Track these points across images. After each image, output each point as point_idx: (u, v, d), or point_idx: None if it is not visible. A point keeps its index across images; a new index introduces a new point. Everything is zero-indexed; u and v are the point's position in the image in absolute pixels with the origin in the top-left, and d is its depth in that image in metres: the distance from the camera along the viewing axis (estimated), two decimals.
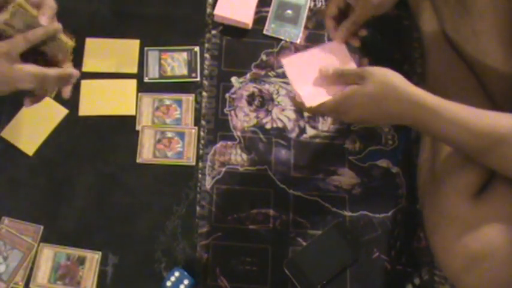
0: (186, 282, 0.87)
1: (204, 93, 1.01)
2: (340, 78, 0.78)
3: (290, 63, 0.83)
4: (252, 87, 1.02)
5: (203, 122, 0.99)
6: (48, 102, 0.98)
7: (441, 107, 0.73)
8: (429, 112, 0.73)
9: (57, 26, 0.78)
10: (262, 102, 1.01)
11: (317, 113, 0.85)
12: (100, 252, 0.90)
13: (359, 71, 0.77)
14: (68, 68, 0.82)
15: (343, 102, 0.77)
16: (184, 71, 1.03)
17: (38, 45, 0.77)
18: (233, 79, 1.03)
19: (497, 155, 0.73)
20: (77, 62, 1.01)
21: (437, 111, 0.73)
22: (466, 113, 0.74)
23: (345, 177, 0.96)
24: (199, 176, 0.96)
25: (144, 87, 1.01)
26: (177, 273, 0.88)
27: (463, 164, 0.80)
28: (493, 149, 0.73)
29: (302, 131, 0.99)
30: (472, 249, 0.74)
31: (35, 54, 0.78)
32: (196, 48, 1.04)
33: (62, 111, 0.99)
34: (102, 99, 1.00)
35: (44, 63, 0.79)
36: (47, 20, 0.77)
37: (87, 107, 0.99)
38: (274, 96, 1.02)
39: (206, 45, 1.05)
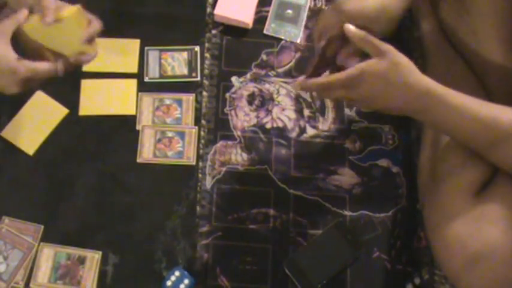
0: (186, 281, 0.87)
1: (205, 93, 1.01)
2: (360, 41, 0.75)
3: None
4: (252, 87, 1.02)
5: (203, 122, 0.99)
6: (48, 102, 0.98)
7: (450, 96, 0.73)
8: (438, 100, 0.73)
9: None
10: (262, 101, 1.01)
11: (326, 87, 0.77)
12: (100, 252, 0.90)
13: (380, 43, 0.73)
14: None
15: (357, 76, 0.73)
16: (185, 71, 1.03)
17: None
18: (233, 79, 1.03)
19: (502, 149, 0.73)
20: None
21: (446, 99, 0.73)
22: (475, 103, 0.74)
23: (345, 177, 0.96)
24: (200, 175, 0.96)
25: (144, 87, 1.01)
26: (177, 273, 0.88)
27: (464, 163, 0.80)
28: (499, 143, 0.73)
29: (302, 130, 0.99)
30: (473, 248, 0.74)
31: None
32: (197, 48, 1.04)
33: (62, 111, 0.99)
34: (102, 99, 1.00)
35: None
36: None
37: (87, 107, 0.99)
38: (275, 96, 1.02)
39: (206, 44, 1.05)
